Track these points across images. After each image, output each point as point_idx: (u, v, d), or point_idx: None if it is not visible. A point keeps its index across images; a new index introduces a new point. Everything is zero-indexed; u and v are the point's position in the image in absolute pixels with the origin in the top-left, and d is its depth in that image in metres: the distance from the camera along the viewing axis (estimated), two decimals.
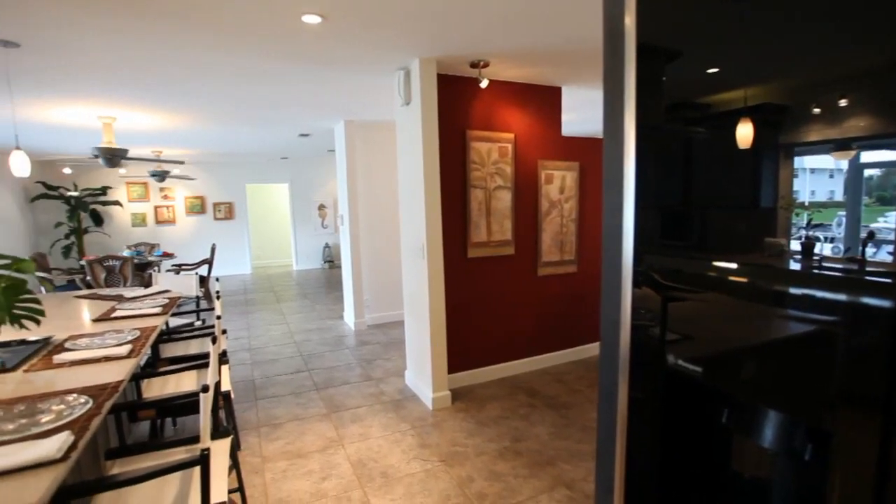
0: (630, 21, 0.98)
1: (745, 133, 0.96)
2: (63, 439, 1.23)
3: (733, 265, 1.04)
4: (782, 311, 0.98)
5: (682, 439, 1.11)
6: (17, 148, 3.35)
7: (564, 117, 4.34)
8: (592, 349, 4.54)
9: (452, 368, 3.80)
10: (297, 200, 11.01)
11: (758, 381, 1.01)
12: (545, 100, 4.04)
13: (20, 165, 3.28)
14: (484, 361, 4.03)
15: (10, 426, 1.33)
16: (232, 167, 10.43)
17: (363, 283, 5.80)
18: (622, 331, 0.98)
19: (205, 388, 1.44)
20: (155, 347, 2.94)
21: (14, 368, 1.86)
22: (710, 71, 1.05)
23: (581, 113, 5.52)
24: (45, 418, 1.38)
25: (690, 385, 1.08)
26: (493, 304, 4.01)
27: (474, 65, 3.39)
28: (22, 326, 1.94)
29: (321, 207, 11.25)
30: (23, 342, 2.18)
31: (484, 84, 3.53)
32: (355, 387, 3.97)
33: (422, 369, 3.68)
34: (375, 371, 4.33)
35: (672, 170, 1.12)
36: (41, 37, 2.71)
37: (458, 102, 3.67)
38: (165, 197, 10.07)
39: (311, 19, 2.52)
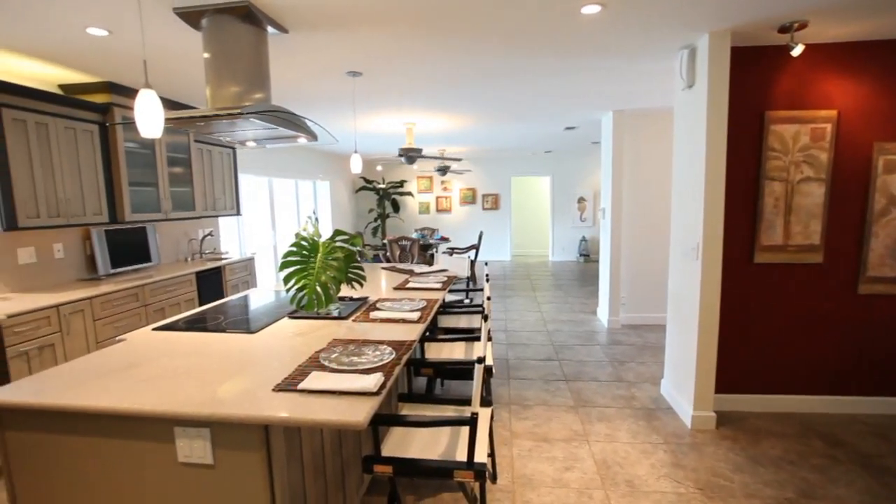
0: None
1: None
2: (377, 378, 1.58)
3: None
4: None
5: None
6: (356, 152, 4.43)
7: None
8: None
9: (720, 387, 3.30)
10: (557, 193, 11.26)
11: None
12: (892, 60, 3.04)
13: (357, 165, 4.34)
14: (762, 388, 3.36)
15: (346, 360, 1.79)
16: (499, 161, 11.35)
17: (621, 280, 5.55)
18: None
19: (480, 360, 1.63)
20: (434, 317, 3.46)
21: (346, 317, 2.49)
22: None
23: None
24: (364, 359, 1.79)
25: None
26: (784, 321, 3.29)
27: (784, 29, 2.78)
28: (352, 286, 2.57)
29: (580, 200, 11.21)
30: (351, 299, 2.90)
31: (797, 51, 2.86)
32: (604, 385, 3.86)
33: (682, 382, 3.32)
34: (627, 373, 4.11)
35: None
36: (376, 67, 3.50)
37: (754, 78, 3.09)
38: (445, 189, 11.70)
39: (591, 9, 2.50)
